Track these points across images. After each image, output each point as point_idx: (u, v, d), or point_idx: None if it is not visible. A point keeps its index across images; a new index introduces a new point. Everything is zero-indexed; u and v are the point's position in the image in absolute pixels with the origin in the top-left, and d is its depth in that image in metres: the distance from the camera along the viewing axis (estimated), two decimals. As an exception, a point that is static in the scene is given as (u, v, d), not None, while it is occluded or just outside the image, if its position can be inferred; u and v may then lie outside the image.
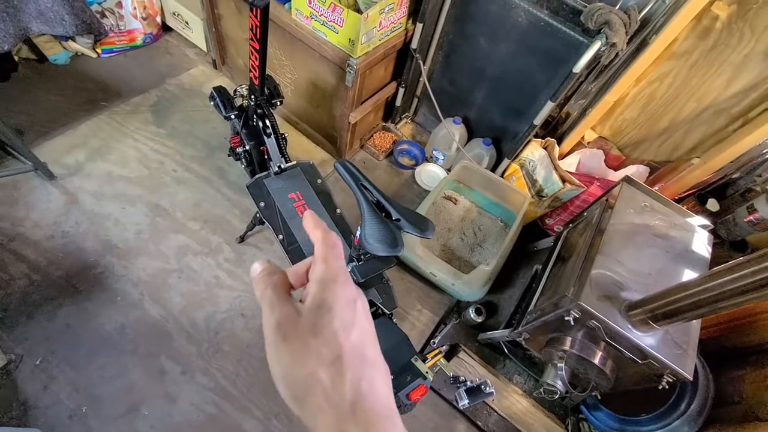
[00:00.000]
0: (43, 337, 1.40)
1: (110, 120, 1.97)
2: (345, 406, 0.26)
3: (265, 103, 1.44)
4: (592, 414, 1.55)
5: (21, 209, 1.62)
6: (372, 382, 0.27)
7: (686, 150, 1.69)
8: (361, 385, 0.27)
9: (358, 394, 0.26)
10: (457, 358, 1.60)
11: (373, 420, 0.26)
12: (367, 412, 0.26)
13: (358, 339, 0.28)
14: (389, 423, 0.27)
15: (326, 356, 0.27)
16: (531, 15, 1.52)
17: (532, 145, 1.84)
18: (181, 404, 1.38)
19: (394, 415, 0.28)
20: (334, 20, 1.51)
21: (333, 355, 0.27)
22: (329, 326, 0.28)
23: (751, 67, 1.38)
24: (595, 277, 1.13)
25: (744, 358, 1.40)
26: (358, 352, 0.28)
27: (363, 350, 0.28)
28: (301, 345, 0.27)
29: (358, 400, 0.26)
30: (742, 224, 1.50)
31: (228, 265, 1.69)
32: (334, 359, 0.27)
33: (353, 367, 0.27)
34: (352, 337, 0.28)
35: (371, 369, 0.28)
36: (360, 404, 0.26)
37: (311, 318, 0.28)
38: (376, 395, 0.27)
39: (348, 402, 0.26)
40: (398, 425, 0.28)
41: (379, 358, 0.30)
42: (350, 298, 0.29)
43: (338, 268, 0.30)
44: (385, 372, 0.29)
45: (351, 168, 0.97)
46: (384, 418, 0.27)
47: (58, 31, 1.84)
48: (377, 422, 0.26)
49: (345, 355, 0.27)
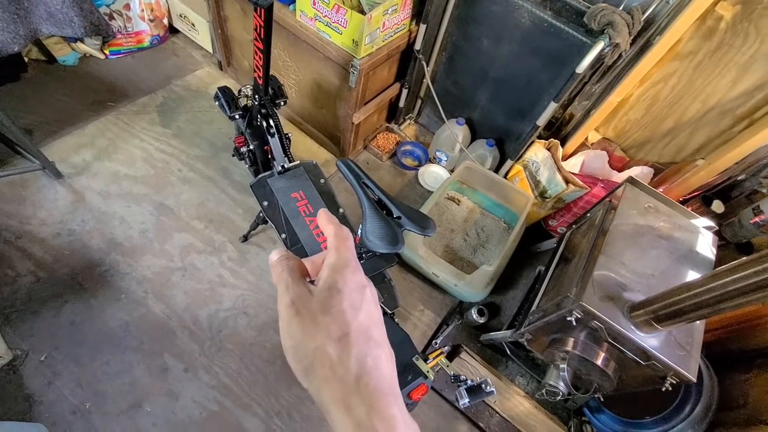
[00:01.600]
0: (49, 334, 1.42)
1: (117, 120, 2.00)
2: (350, 379, 0.27)
3: (269, 103, 1.45)
4: (594, 416, 1.53)
5: (28, 207, 1.65)
6: (377, 360, 0.29)
7: (691, 151, 1.68)
8: (366, 361, 0.28)
9: (363, 369, 0.28)
10: (459, 359, 1.59)
11: (375, 395, 0.27)
12: (370, 388, 0.27)
13: (365, 320, 0.30)
14: (391, 399, 0.28)
15: (334, 332, 0.29)
16: (534, 16, 1.53)
17: (535, 146, 1.84)
18: (183, 401, 1.39)
19: (396, 395, 0.29)
20: (337, 21, 1.52)
21: (340, 332, 0.29)
22: (338, 306, 0.29)
23: (756, 67, 1.38)
24: (597, 277, 1.12)
25: (750, 362, 1.39)
26: (365, 331, 0.29)
27: (369, 331, 0.30)
28: (312, 321, 0.29)
29: (362, 375, 0.28)
30: (748, 226, 1.48)
31: (231, 263, 1.70)
32: (342, 336, 0.29)
33: (359, 344, 0.29)
34: (359, 318, 0.30)
35: (376, 348, 0.29)
36: (364, 379, 0.28)
37: (322, 298, 0.30)
38: (381, 372, 0.29)
39: (353, 375, 0.28)
40: (400, 404, 0.29)
41: (385, 340, 0.31)
42: (359, 283, 0.31)
43: (349, 257, 0.32)
44: (390, 354, 0.31)
45: (353, 166, 0.98)
46: (386, 395, 0.28)
47: (67, 32, 1.87)
48: (380, 398, 0.27)
49: (352, 333, 0.29)
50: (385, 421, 0.27)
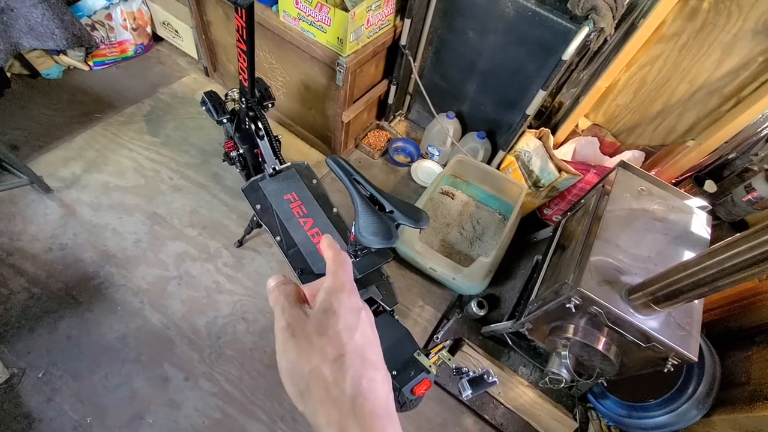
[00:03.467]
0: (45, 350, 1.40)
1: (105, 131, 1.98)
2: (345, 401, 0.27)
3: (256, 106, 1.44)
4: (599, 402, 1.54)
5: (18, 223, 1.63)
6: (372, 382, 0.29)
7: (681, 133, 1.68)
8: (361, 383, 0.28)
9: (358, 391, 0.28)
10: (462, 352, 1.59)
11: (370, 418, 0.27)
12: (365, 410, 0.27)
13: (360, 341, 0.30)
14: (387, 423, 0.28)
15: (329, 354, 0.29)
16: (518, 5, 1.52)
17: (526, 136, 1.84)
18: (185, 410, 1.38)
19: (392, 417, 0.29)
20: (321, 20, 1.51)
21: (336, 353, 0.29)
22: (334, 327, 0.30)
23: (740, 45, 1.38)
24: (594, 263, 1.12)
25: (750, 339, 1.39)
26: (360, 353, 0.29)
27: (365, 353, 0.30)
28: (307, 343, 0.29)
29: (357, 397, 0.28)
30: (741, 204, 1.49)
31: (227, 269, 1.69)
32: (337, 357, 0.28)
33: (355, 365, 0.29)
34: (355, 339, 0.30)
35: (372, 370, 0.29)
36: (359, 401, 0.27)
37: (318, 320, 0.30)
38: (376, 395, 0.28)
39: (348, 397, 0.27)
40: (396, 427, 0.28)
41: (381, 363, 0.31)
42: (355, 306, 0.31)
43: (345, 281, 0.32)
44: (386, 376, 0.31)
45: (343, 163, 0.97)
46: (382, 418, 0.28)
47: (49, 45, 1.85)
48: (375, 420, 0.27)
49: (347, 355, 0.29)
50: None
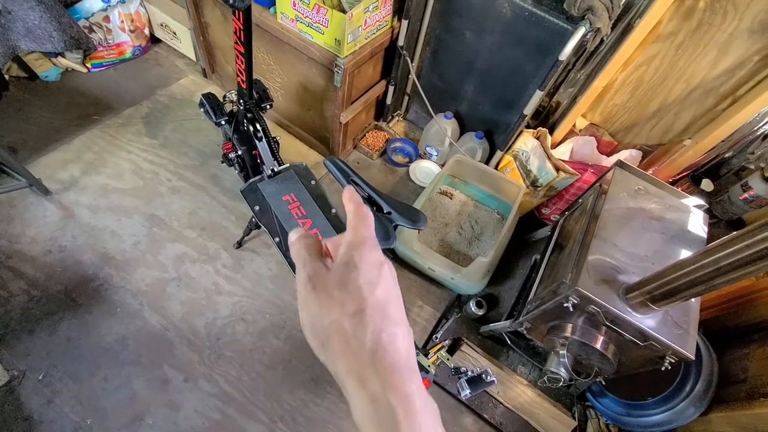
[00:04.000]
0: (45, 352, 1.40)
1: (103, 133, 1.98)
2: (365, 353, 0.27)
3: (254, 107, 1.44)
4: (598, 401, 1.54)
5: (17, 226, 1.63)
6: (393, 336, 0.28)
7: (677, 132, 1.69)
8: (381, 337, 0.28)
9: (378, 344, 0.28)
10: (461, 352, 1.59)
11: (390, 370, 0.27)
12: (385, 363, 0.27)
13: (381, 296, 0.29)
14: (407, 376, 0.28)
15: (350, 307, 0.28)
16: (515, 5, 1.53)
17: (524, 135, 1.85)
18: (185, 412, 1.38)
19: (413, 371, 0.29)
20: (319, 21, 1.52)
21: (356, 307, 0.28)
22: (354, 282, 0.29)
23: (736, 45, 1.39)
24: (592, 262, 1.12)
25: (747, 336, 1.40)
26: (381, 308, 0.29)
27: (386, 307, 0.29)
28: (328, 296, 0.29)
29: (377, 350, 0.27)
30: (738, 203, 1.50)
31: (226, 271, 1.69)
32: (357, 311, 0.28)
33: (375, 320, 0.28)
34: (376, 293, 0.29)
35: (393, 325, 0.29)
36: (379, 354, 0.27)
37: (338, 273, 0.30)
38: (396, 348, 0.28)
39: (368, 350, 0.27)
40: (417, 381, 0.28)
41: (402, 318, 0.31)
42: (377, 260, 0.31)
43: (366, 235, 0.32)
44: (408, 332, 0.30)
45: (340, 164, 0.97)
46: (402, 371, 0.28)
47: (47, 47, 1.86)
48: (394, 373, 0.27)
49: (368, 309, 0.28)
50: (401, 398, 0.27)
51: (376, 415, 0.27)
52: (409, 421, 0.26)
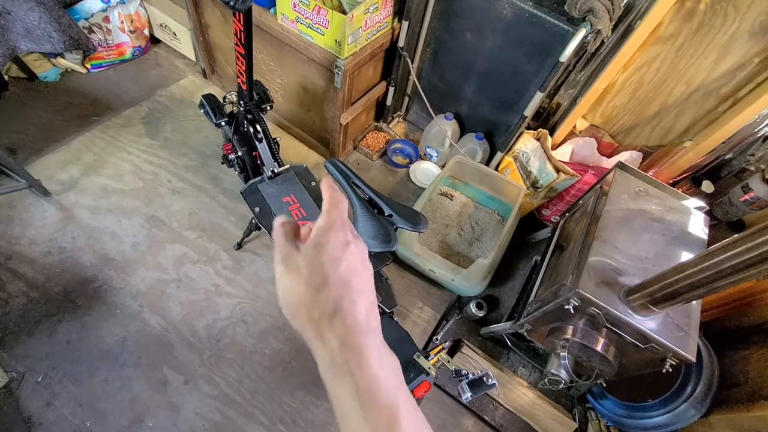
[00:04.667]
0: (44, 354, 1.40)
1: (103, 134, 1.97)
2: (325, 317, 0.32)
3: (254, 109, 1.44)
4: (598, 402, 1.54)
5: (17, 227, 1.62)
6: (353, 304, 0.33)
7: (678, 133, 1.69)
8: (341, 304, 0.32)
9: (337, 309, 0.32)
10: (461, 354, 1.59)
11: (348, 331, 0.32)
12: (345, 325, 0.32)
13: (345, 272, 0.33)
14: (364, 336, 0.32)
15: (314, 282, 0.33)
16: (515, 7, 1.53)
17: (524, 137, 1.85)
18: (185, 413, 1.37)
19: (372, 332, 0.33)
20: (319, 22, 1.51)
21: (320, 281, 0.33)
22: (320, 260, 0.33)
23: (737, 46, 1.39)
24: (592, 264, 1.12)
25: (747, 338, 1.40)
26: (344, 281, 0.33)
27: (349, 280, 0.33)
28: (297, 274, 0.34)
29: (336, 314, 0.32)
30: (738, 204, 1.50)
31: (226, 272, 1.69)
32: (321, 284, 0.33)
33: (336, 291, 0.33)
34: (339, 269, 0.33)
35: (355, 294, 0.33)
36: (338, 317, 0.32)
37: (307, 254, 0.34)
38: (355, 312, 0.32)
39: (327, 315, 0.32)
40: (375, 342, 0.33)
41: (367, 289, 0.35)
42: (342, 240, 0.35)
43: (335, 217, 0.35)
44: (372, 301, 0.35)
45: (341, 166, 0.97)
46: (358, 331, 0.32)
47: (47, 48, 1.85)
48: (351, 333, 0.32)
49: (330, 282, 0.33)
50: (356, 353, 0.31)
51: (335, 368, 0.31)
52: (362, 371, 0.31)
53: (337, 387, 0.31)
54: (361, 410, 0.30)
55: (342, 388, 0.31)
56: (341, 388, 0.31)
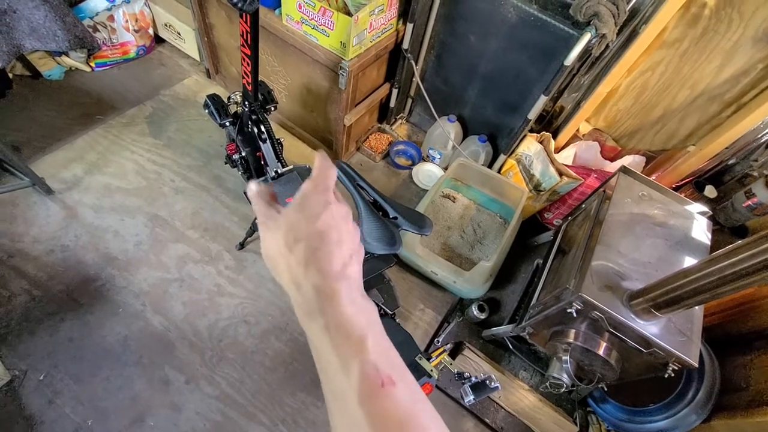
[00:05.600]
0: (46, 352, 1.40)
1: (106, 133, 1.98)
2: (300, 266, 0.34)
3: (259, 109, 1.44)
4: (599, 406, 1.54)
5: (20, 225, 1.63)
6: (328, 254, 0.34)
7: (681, 138, 1.69)
8: (316, 254, 0.34)
9: (312, 258, 0.34)
10: (462, 356, 1.59)
11: (321, 276, 0.33)
12: (320, 271, 0.34)
13: (321, 226, 0.35)
14: (336, 283, 0.34)
15: (291, 237, 0.35)
16: (520, 10, 1.53)
17: (527, 140, 1.85)
18: (186, 413, 1.38)
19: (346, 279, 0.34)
20: (324, 24, 1.52)
21: (296, 236, 0.35)
22: (298, 217, 0.36)
23: (741, 52, 1.39)
24: (595, 268, 1.12)
25: (749, 344, 1.40)
26: (320, 235, 0.35)
27: (326, 233, 0.35)
28: (277, 230, 0.36)
29: (310, 262, 0.34)
30: (741, 210, 1.50)
31: (229, 272, 1.69)
32: (297, 239, 0.35)
33: (311, 243, 0.34)
34: (316, 224, 0.35)
35: (332, 245, 0.35)
36: (312, 264, 0.34)
37: (286, 214, 0.36)
38: (330, 261, 0.34)
39: (302, 263, 0.34)
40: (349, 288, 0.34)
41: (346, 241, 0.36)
42: (322, 201, 0.36)
43: (319, 182, 0.37)
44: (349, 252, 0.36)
45: (347, 169, 0.97)
46: (332, 279, 0.34)
47: (51, 47, 1.86)
48: (327, 280, 0.33)
49: (306, 237, 0.35)
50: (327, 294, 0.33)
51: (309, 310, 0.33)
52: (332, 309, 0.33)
53: (311, 325, 0.33)
54: (331, 342, 0.32)
55: (315, 325, 0.33)
56: (314, 326, 0.33)
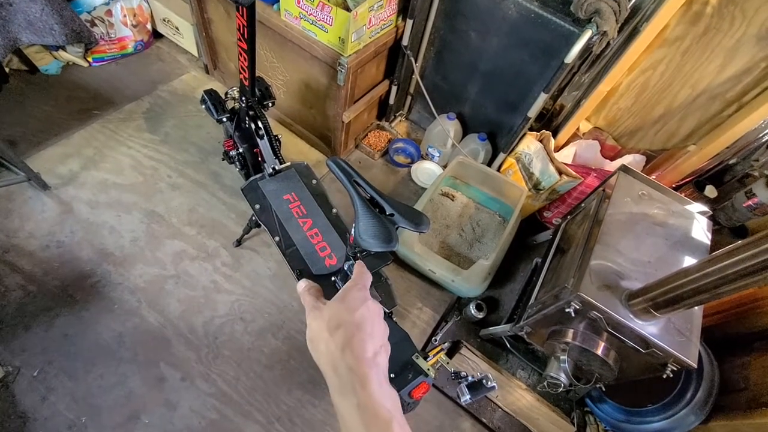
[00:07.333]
0: (41, 348, 1.39)
1: (103, 128, 1.96)
2: (338, 350, 0.40)
3: (256, 105, 1.43)
4: (597, 406, 1.53)
5: (15, 220, 1.61)
6: (362, 342, 0.40)
7: (682, 137, 1.68)
8: (352, 341, 0.40)
9: (348, 344, 0.40)
10: (460, 355, 1.58)
11: (355, 362, 0.39)
12: (354, 355, 0.39)
13: (359, 318, 0.42)
14: (369, 368, 0.39)
15: (332, 324, 0.42)
16: (521, 7, 1.52)
17: (527, 138, 1.84)
18: (181, 411, 1.37)
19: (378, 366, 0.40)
20: (323, 19, 1.50)
21: (336, 324, 0.42)
22: (338, 308, 0.43)
23: (743, 51, 1.38)
24: (594, 267, 1.11)
25: (748, 345, 1.39)
26: (357, 325, 0.41)
27: (362, 325, 0.42)
28: (321, 319, 0.43)
29: (346, 349, 0.40)
30: (741, 210, 1.49)
31: (225, 269, 1.68)
32: (336, 326, 0.41)
33: (349, 331, 0.41)
34: (354, 316, 0.42)
35: (365, 335, 0.41)
36: (348, 349, 0.40)
37: (330, 304, 0.44)
38: (363, 349, 0.40)
39: (340, 349, 0.40)
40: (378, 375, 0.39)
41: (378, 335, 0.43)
42: (360, 297, 0.44)
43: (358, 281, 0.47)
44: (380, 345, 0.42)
45: (343, 164, 0.96)
46: (365, 364, 0.39)
47: (48, 41, 1.84)
48: (360, 364, 0.39)
49: (345, 325, 0.41)
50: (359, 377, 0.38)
51: (342, 388, 0.38)
52: (364, 390, 0.37)
53: (343, 402, 0.38)
54: (361, 419, 0.37)
55: (347, 402, 0.38)
56: (346, 403, 0.38)
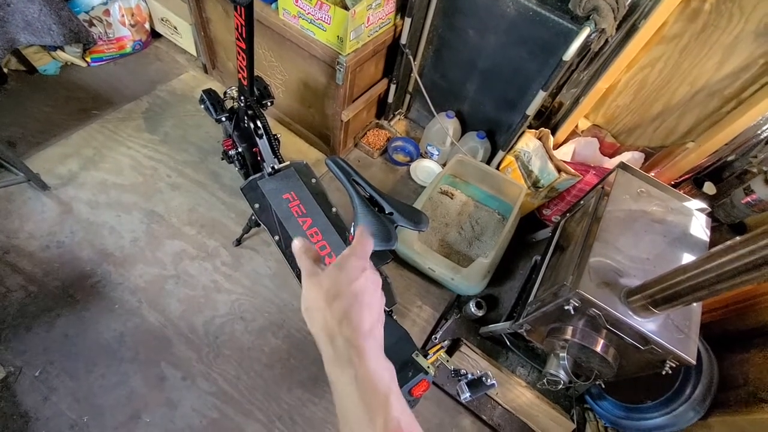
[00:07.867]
0: (42, 349, 1.39)
1: (102, 128, 1.96)
2: (334, 322, 0.38)
3: (255, 104, 1.43)
4: (597, 403, 1.54)
5: (15, 221, 1.62)
6: (360, 314, 0.39)
7: (681, 134, 1.68)
8: (350, 312, 0.38)
9: (346, 317, 0.38)
10: (460, 353, 1.59)
11: (354, 334, 0.37)
12: (351, 326, 0.38)
13: (357, 289, 0.39)
14: (366, 340, 0.38)
15: (329, 294, 0.39)
16: (519, 5, 1.52)
17: (526, 136, 1.84)
18: (182, 410, 1.37)
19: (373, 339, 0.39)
20: (321, 18, 1.50)
21: (335, 293, 0.39)
22: (338, 277, 0.40)
23: (741, 47, 1.38)
24: (593, 264, 1.12)
25: (748, 341, 1.39)
26: (355, 296, 0.39)
27: (360, 296, 0.39)
28: (318, 287, 0.40)
29: (344, 320, 0.38)
30: (740, 206, 1.49)
31: (225, 268, 1.68)
32: (334, 296, 0.39)
33: (347, 302, 0.39)
34: (352, 286, 0.39)
35: (363, 307, 0.39)
36: (345, 322, 0.38)
37: (328, 272, 0.41)
38: (360, 320, 0.38)
39: (336, 320, 0.38)
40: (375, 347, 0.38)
41: (375, 307, 0.41)
42: (360, 266, 0.41)
43: (357, 249, 0.42)
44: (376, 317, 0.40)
45: (342, 164, 0.96)
46: (362, 336, 0.38)
47: (46, 41, 1.84)
48: (358, 336, 0.37)
49: (343, 295, 0.39)
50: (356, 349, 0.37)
51: (338, 360, 0.37)
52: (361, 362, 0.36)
53: (339, 375, 0.37)
54: (358, 392, 0.36)
55: (343, 375, 0.37)
56: (342, 376, 0.37)
